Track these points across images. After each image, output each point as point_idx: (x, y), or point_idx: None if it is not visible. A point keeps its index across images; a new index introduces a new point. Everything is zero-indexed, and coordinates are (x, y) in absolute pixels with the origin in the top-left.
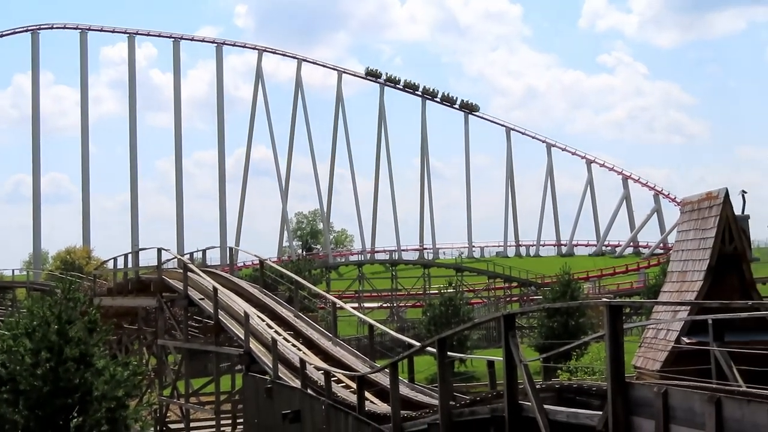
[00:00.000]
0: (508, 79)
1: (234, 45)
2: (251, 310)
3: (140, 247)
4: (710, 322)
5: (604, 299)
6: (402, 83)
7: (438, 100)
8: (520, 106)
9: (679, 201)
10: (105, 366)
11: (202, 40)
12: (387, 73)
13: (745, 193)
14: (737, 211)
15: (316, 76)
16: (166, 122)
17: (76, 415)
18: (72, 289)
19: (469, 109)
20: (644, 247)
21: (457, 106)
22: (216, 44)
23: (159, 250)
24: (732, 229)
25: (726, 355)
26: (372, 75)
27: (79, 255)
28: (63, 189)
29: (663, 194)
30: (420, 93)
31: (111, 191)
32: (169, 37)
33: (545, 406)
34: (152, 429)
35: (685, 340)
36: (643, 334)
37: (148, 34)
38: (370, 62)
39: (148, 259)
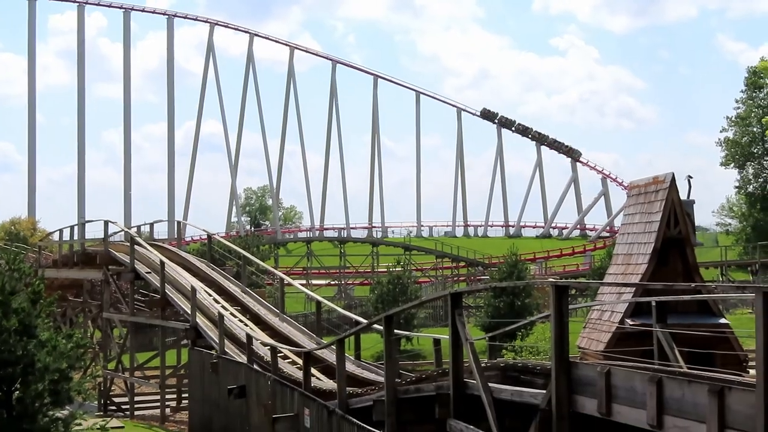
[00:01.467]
0: (461, 59)
1: (186, 17)
2: (198, 285)
3: (87, 219)
4: (654, 304)
5: (551, 279)
6: (515, 126)
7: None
8: (472, 86)
9: (626, 185)
10: (48, 338)
11: (153, 12)
12: (500, 115)
13: (691, 178)
14: (683, 196)
15: (268, 52)
16: (116, 94)
17: (18, 387)
18: (17, 260)
19: (570, 155)
20: (591, 230)
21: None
22: (167, 16)
23: (106, 223)
24: (677, 213)
25: (668, 337)
26: (488, 117)
27: (24, 226)
28: (9, 159)
29: (611, 178)
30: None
31: (58, 162)
32: (120, 7)
33: (490, 384)
34: (96, 402)
35: (629, 321)
36: (587, 315)
37: (98, 4)
38: (323, 39)
39: (94, 231)
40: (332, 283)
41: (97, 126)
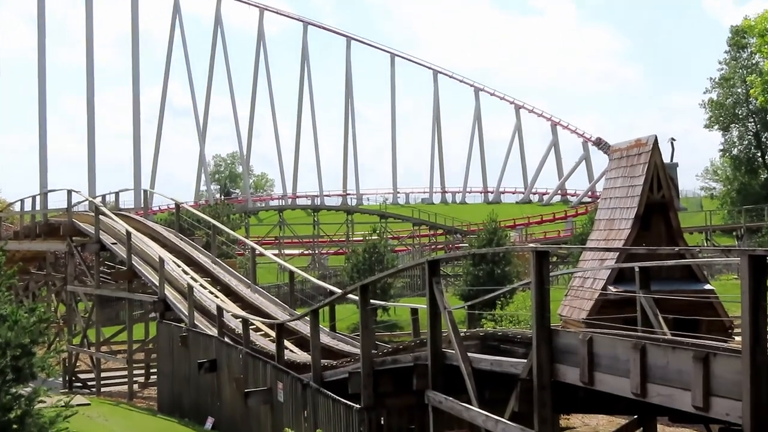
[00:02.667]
0: (437, 20)
1: None
2: (166, 256)
3: (49, 188)
4: (637, 270)
5: (531, 245)
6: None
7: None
8: (448, 48)
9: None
10: (10, 312)
11: None
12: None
13: (674, 141)
14: (666, 159)
15: (237, 13)
16: (78, 59)
17: None
18: None
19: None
20: (572, 195)
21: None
22: None
23: (69, 192)
24: (660, 176)
25: (652, 303)
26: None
27: None
28: None
29: (592, 141)
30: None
31: (18, 130)
32: None
33: (469, 354)
34: (60, 378)
35: (612, 288)
36: (569, 283)
37: None
38: (295, 1)
39: (57, 201)
40: (306, 252)
41: (58, 92)
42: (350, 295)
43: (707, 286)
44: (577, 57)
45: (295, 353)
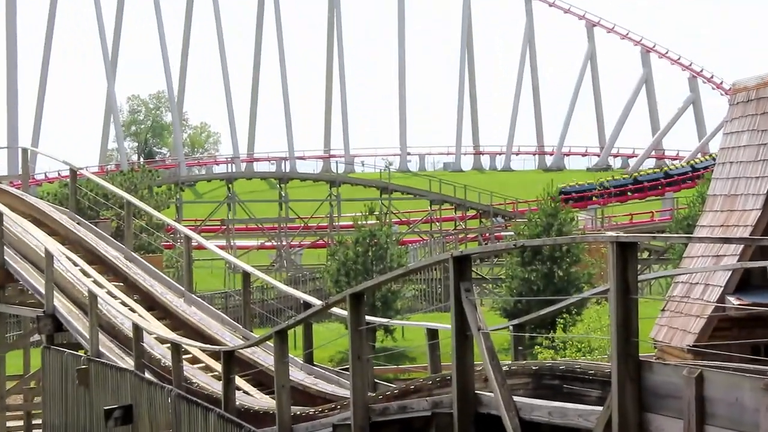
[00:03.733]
0: None
1: None
2: (57, 248)
3: None
4: None
5: (610, 234)
6: None
7: None
8: None
9: (727, 87)
10: None
11: None
12: None
13: None
14: None
15: None
16: None
17: None
18: None
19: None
20: (672, 158)
21: None
22: None
23: None
24: None
25: None
26: None
27: None
28: None
29: (703, 77)
30: None
31: None
32: None
33: (516, 399)
34: None
35: (733, 300)
36: (668, 292)
37: None
38: None
39: None
40: (268, 244)
41: None
42: (335, 309)
43: None
44: None
45: (253, 396)
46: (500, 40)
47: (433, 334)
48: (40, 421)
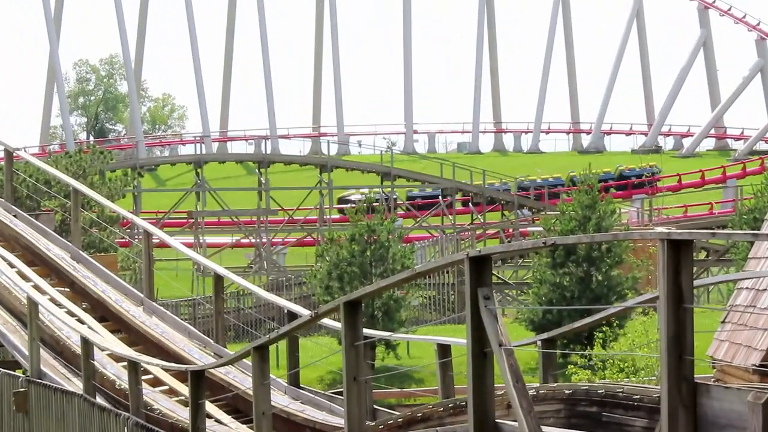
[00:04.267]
0: None
1: None
2: None
3: None
4: None
5: (659, 230)
6: None
7: None
8: None
9: None
10: None
11: None
12: None
13: None
14: None
15: None
16: None
17: None
18: None
19: None
20: (735, 138)
21: None
22: None
23: None
24: None
25: None
26: None
27: None
28: None
29: None
30: None
31: None
32: None
33: (545, 429)
34: None
35: None
36: (729, 300)
37: None
38: None
39: None
40: (244, 241)
41: None
42: (326, 320)
43: None
44: None
45: (227, 425)
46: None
47: (444, 350)
48: None
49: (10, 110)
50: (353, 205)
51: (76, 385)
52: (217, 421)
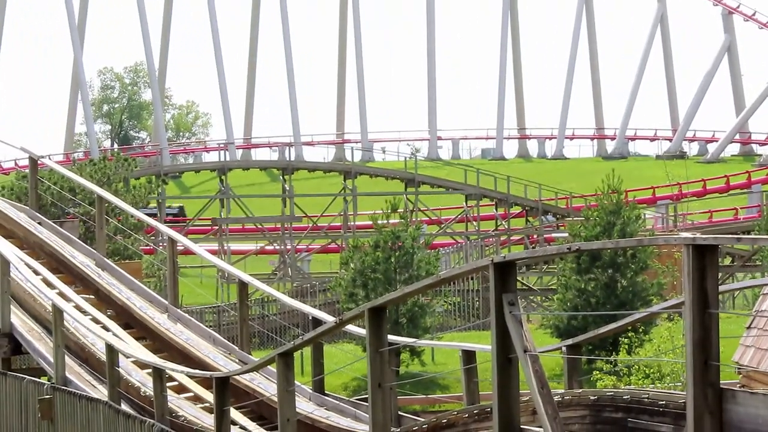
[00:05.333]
0: None
1: None
2: (13, 253)
3: None
4: None
5: (684, 235)
6: None
7: None
8: None
9: None
10: None
11: None
12: None
13: None
14: None
15: None
16: None
17: None
18: None
19: None
20: (761, 143)
21: None
22: None
23: None
24: None
25: None
26: None
27: None
28: None
29: None
30: None
31: None
32: None
33: None
34: None
35: None
36: (755, 305)
37: None
38: None
39: None
40: (269, 248)
41: None
42: (351, 327)
43: None
44: None
45: (250, 431)
46: (549, 3)
47: (469, 356)
48: None
49: (34, 118)
50: None
51: (101, 392)
52: (242, 427)
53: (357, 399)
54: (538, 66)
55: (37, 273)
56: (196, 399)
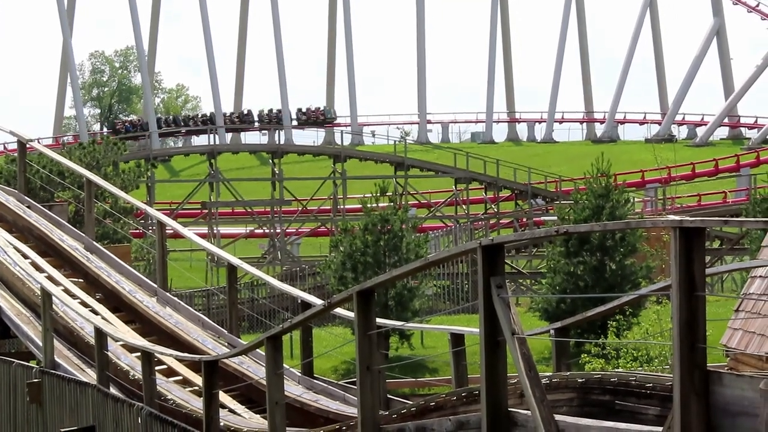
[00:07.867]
0: None
1: None
2: (2, 237)
3: None
4: None
5: (671, 218)
6: None
7: None
8: None
9: None
10: None
11: None
12: None
13: None
14: None
15: None
16: None
17: None
18: None
19: None
20: (749, 126)
21: None
22: None
23: None
24: None
25: None
26: None
27: None
28: None
29: None
30: None
31: None
32: None
33: (558, 418)
34: None
35: None
36: (742, 289)
37: None
38: None
39: None
40: (258, 232)
41: None
42: (339, 310)
43: None
44: None
45: (240, 415)
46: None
47: (457, 339)
48: None
49: (23, 101)
50: None
51: (89, 375)
52: (231, 410)
53: (346, 382)
54: (528, 49)
55: (25, 256)
56: (185, 382)
